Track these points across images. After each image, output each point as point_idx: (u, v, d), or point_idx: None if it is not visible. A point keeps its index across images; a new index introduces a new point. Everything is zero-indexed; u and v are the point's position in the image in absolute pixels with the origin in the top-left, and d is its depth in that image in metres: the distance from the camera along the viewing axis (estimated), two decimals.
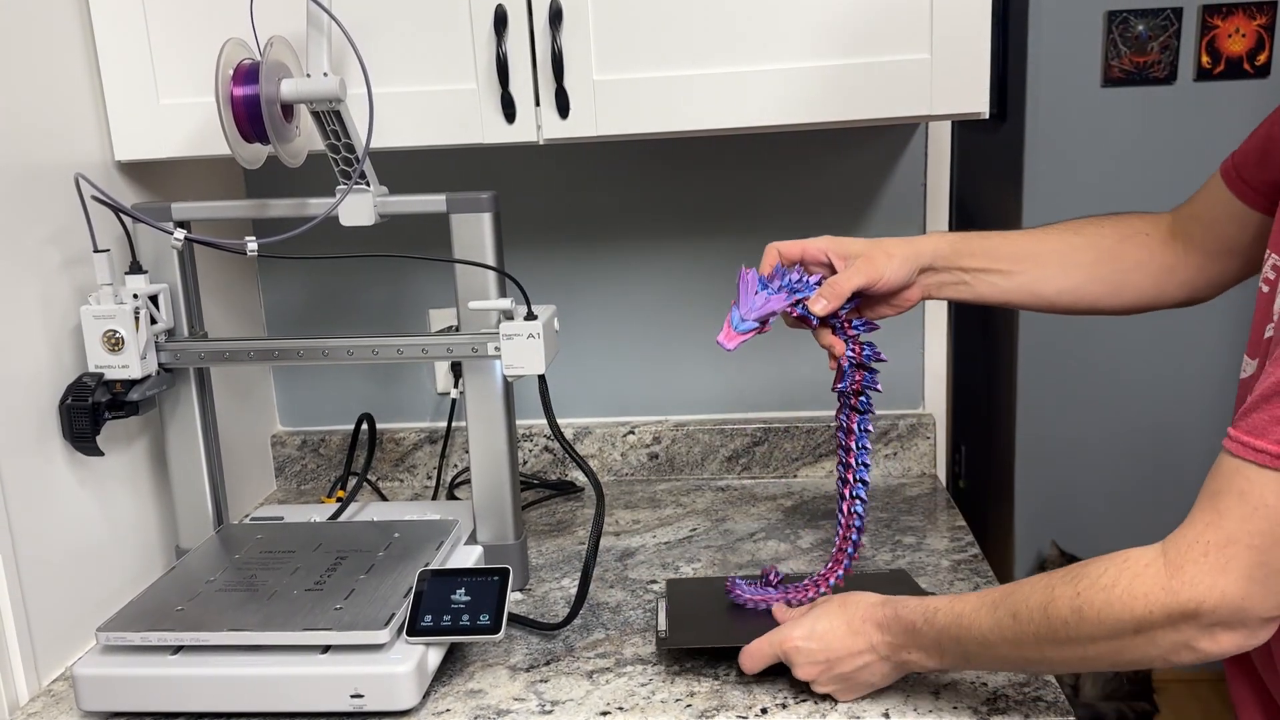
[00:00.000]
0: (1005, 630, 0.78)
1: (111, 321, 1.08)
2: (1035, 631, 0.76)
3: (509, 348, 1.10)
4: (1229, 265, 1.00)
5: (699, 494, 1.47)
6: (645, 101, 1.11)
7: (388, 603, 0.99)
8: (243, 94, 1.01)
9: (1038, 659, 0.79)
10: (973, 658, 0.84)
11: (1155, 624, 0.71)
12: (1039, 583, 0.78)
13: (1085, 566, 0.75)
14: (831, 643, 0.90)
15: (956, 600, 0.84)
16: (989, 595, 0.81)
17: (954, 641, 0.83)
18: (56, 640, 1.06)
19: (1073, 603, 0.74)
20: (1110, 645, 0.73)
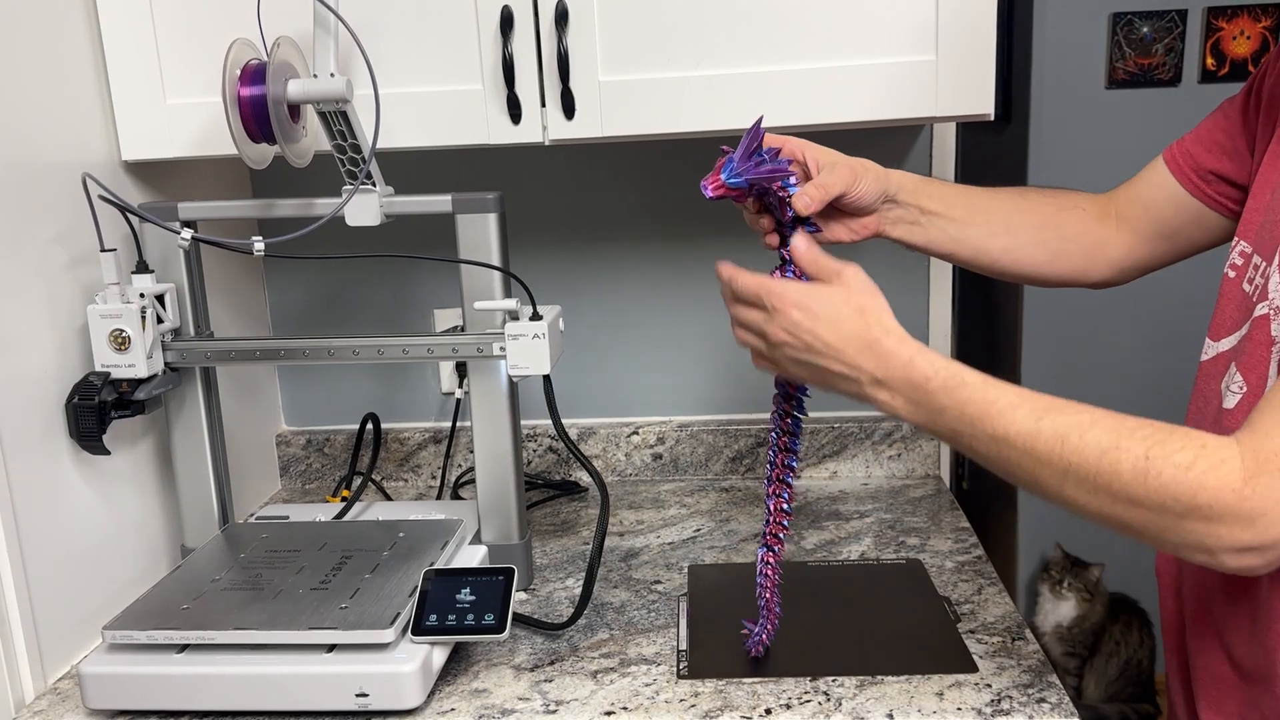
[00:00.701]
0: (1040, 445, 0.74)
1: (118, 321, 1.08)
2: (1076, 465, 0.72)
3: (514, 348, 1.10)
4: (1158, 249, 1.03)
5: (703, 494, 1.48)
6: (650, 103, 1.11)
7: (393, 602, 1.00)
8: (249, 94, 1.02)
9: (1050, 485, 0.75)
10: (968, 441, 0.79)
11: (1206, 517, 0.69)
12: (1104, 422, 0.73)
13: (1157, 432, 0.71)
14: (823, 333, 0.83)
15: (990, 382, 0.78)
16: (1032, 399, 0.76)
17: (962, 418, 0.78)
18: (62, 638, 1.06)
19: (1138, 463, 0.70)
20: (1147, 515, 0.71)
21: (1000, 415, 0.76)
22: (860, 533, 1.32)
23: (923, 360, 0.80)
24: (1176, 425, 0.72)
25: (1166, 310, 2.37)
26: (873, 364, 0.81)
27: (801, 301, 0.84)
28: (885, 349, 0.81)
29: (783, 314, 0.84)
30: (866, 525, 1.34)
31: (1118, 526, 0.73)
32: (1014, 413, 0.76)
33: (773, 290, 0.85)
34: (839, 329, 0.82)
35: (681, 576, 1.22)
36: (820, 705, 0.94)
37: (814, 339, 0.83)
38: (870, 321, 0.82)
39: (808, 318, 0.83)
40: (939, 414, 0.79)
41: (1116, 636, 2.45)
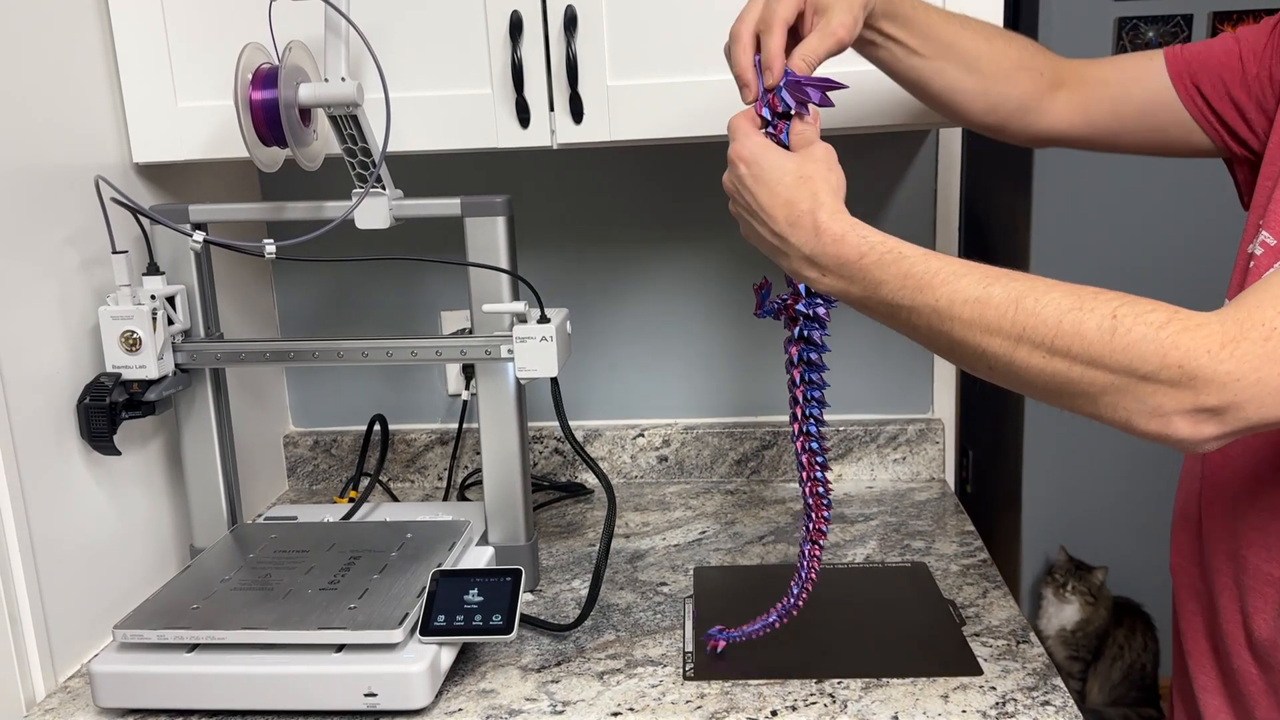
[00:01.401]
0: (990, 312, 0.70)
1: (129, 322, 1.09)
2: (1031, 329, 0.68)
3: (522, 350, 1.11)
4: (1100, 137, 1.01)
5: (708, 497, 1.48)
6: (659, 107, 1.12)
7: (401, 602, 1.00)
8: (261, 98, 1.02)
9: (998, 354, 0.70)
10: (906, 315, 0.74)
11: (1172, 379, 0.65)
12: (1061, 287, 0.69)
13: (1123, 296, 0.68)
14: (760, 194, 0.80)
15: (932, 254, 0.74)
16: (981, 268, 0.73)
17: (902, 290, 0.74)
18: (73, 637, 1.07)
19: (1104, 322, 0.66)
20: (1106, 378, 0.67)
21: (944, 284, 0.72)
22: (865, 535, 1.32)
23: (855, 236, 0.76)
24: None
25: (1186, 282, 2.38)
26: (801, 238, 0.77)
27: (752, 156, 0.80)
28: (816, 224, 0.77)
29: (733, 165, 0.82)
30: (871, 528, 1.34)
31: (1068, 394, 0.69)
32: (959, 280, 0.72)
33: (735, 136, 0.82)
34: (775, 194, 0.79)
35: (687, 578, 1.23)
36: (826, 707, 0.95)
37: (752, 199, 0.80)
38: (809, 191, 0.78)
39: (750, 175, 0.80)
40: (875, 288, 0.75)
41: (1120, 640, 2.45)
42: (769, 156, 0.81)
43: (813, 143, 0.82)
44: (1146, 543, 2.45)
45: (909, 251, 0.75)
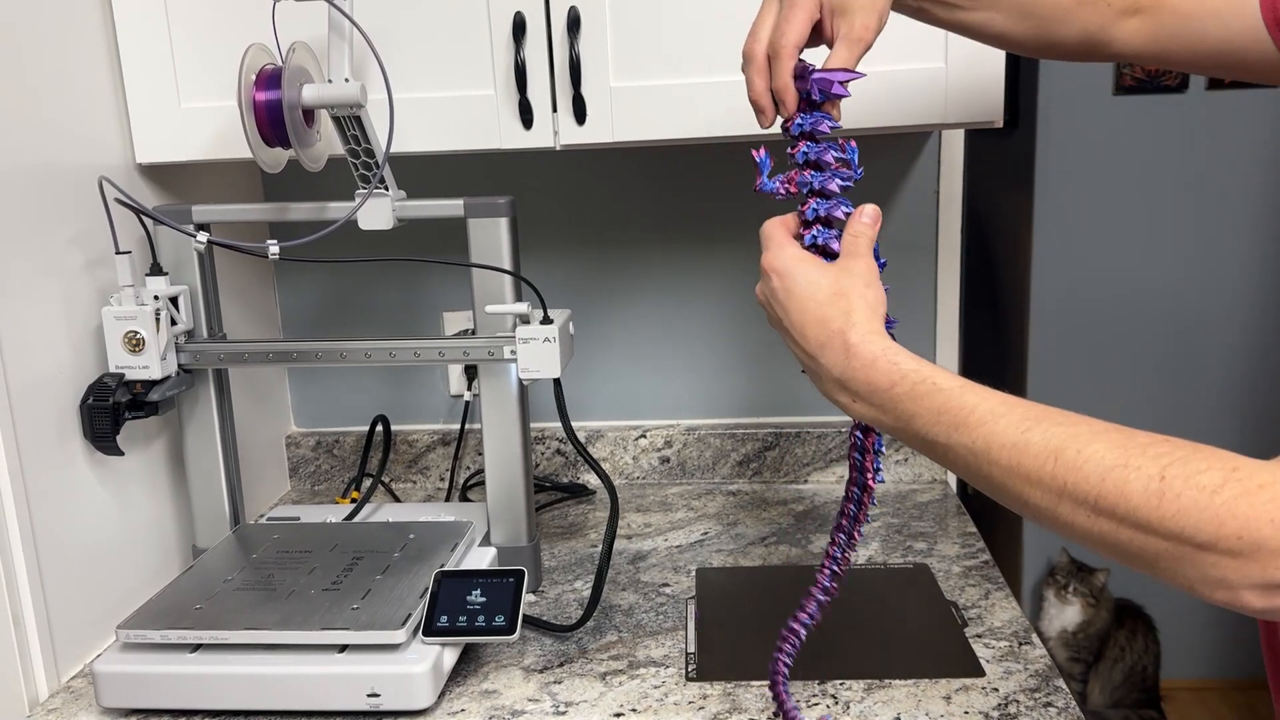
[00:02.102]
0: (1029, 460, 0.64)
1: (132, 323, 1.09)
2: (1073, 485, 0.62)
3: (525, 351, 1.11)
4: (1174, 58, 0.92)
5: (710, 498, 1.48)
6: (662, 108, 1.12)
7: (404, 603, 1.00)
8: (265, 99, 1.02)
9: (1041, 506, 0.65)
10: (943, 453, 0.69)
11: (1232, 550, 0.58)
12: (1107, 436, 0.63)
13: (1176, 449, 0.61)
14: (792, 310, 0.76)
15: (969, 386, 0.69)
16: (1020, 406, 0.67)
17: (936, 426, 0.69)
18: (76, 637, 1.07)
19: (1150, 484, 0.60)
20: (1158, 544, 0.60)
21: (980, 424, 0.67)
22: (868, 537, 1.32)
23: (886, 362, 0.72)
24: (1200, 444, 0.62)
25: (1184, 310, 2.37)
26: (831, 359, 0.74)
27: (785, 268, 0.77)
28: (846, 344, 0.73)
29: (765, 277, 0.79)
30: (874, 530, 1.34)
31: (1121, 556, 0.64)
32: (997, 422, 0.66)
33: (769, 246, 0.79)
34: (807, 310, 0.75)
35: (689, 579, 1.23)
36: (828, 709, 0.95)
37: (784, 314, 0.77)
38: (842, 309, 0.74)
39: (783, 288, 0.77)
40: (908, 421, 0.71)
41: (1122, 642, 2.46)
42: (802, 269, 0.77)
43: (860, 255, 0.78)
44: None
45: (944, 383, 0.70)
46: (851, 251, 0.79)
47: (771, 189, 0.84)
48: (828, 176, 0.81)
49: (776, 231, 0.81)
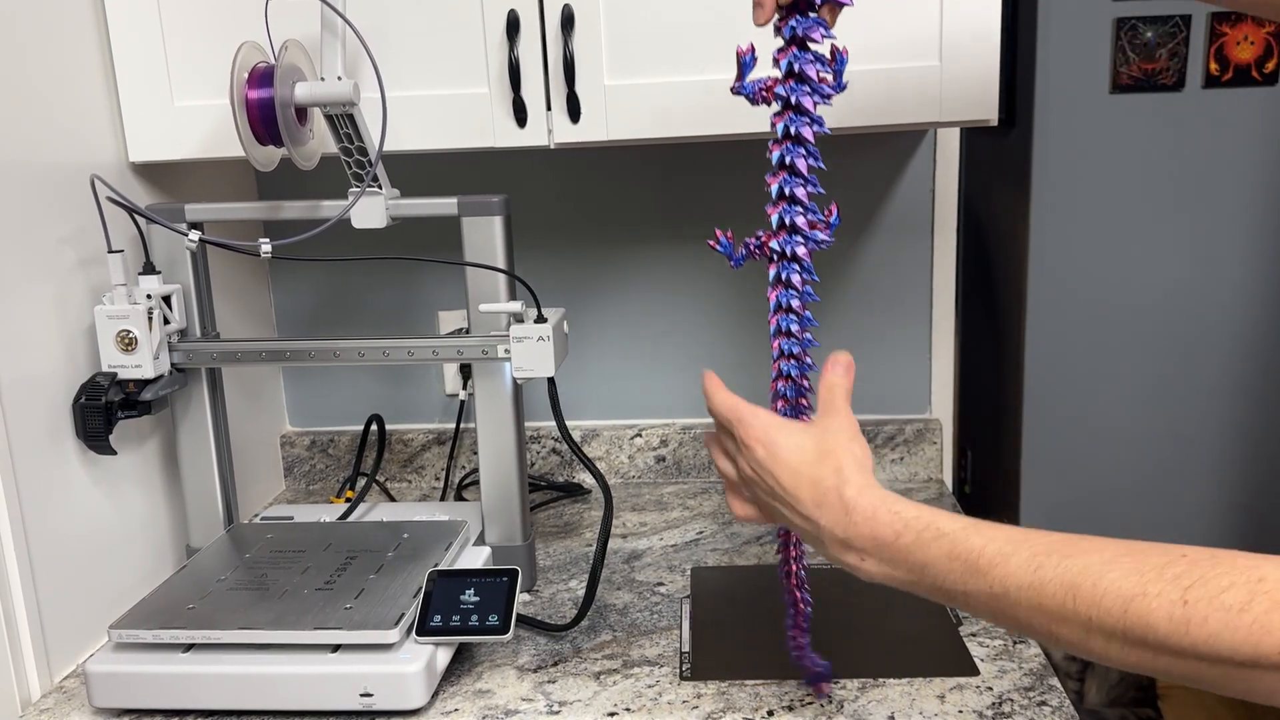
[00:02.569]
0: (1047, 600, 0.62)
1: (125, 321, 1.09)
2: (1097, 620, 0.60)
3: (519, 350, 1.10)
4: None
5: (705, 497, 1.48)
6: (656, 107, 1.12)
7: (397, 602, 1.00)
8: (257, 97, 1.02)
9: (1074, 641, 0.62)
10: (962, 599, 0.67)
11: (1276, 665, 0.56)
12: (1120, 563, 0.60)
13: (1192, 566, 0.58)
14: (782, 476, 0.75)
15: (972, 529, 0.67)
16: (1026, 541, 0.65)
17: (949, 574, 0.67)
18: (68, 637, 1.07)
19: (1174, 611, 0.57)
20: (1200, 667, 0.58)
21: (993, 567, 0.65)
22: None
23: (886, 513, 0.70)
24: (1216, 550, 0.59)
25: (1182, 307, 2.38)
26: (831, 519, 0.72)
27: (765, 436, 0.77)
28: (842, 501, 0.72)
29: (747, 449, 0.78)
30: None
31: (1168, 678, 0.61)
32: (1008, 562, 0.64)
33: (742, 419, 0.79)
34: (798, 473, 0.74)
35: (684, 578, 1.23)
36: (823, 707, 0.94)
37: (774, 482, 0.75)
38: (832, 467, 0.73)
39: (768, 456, 0.76)
40: (920, 572, 0.68)
41: None
42: (783, 435, 0.76)
43: (837, 410, 0.78)
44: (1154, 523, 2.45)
45: (947, 526, 0.68)
46: (829, 407, 0.79)
47: (749, 92, 0.83)
48: (805, 93, 0.81)
49: (742, 405, 0.80)
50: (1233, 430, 2.41)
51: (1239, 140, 2.26)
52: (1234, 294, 2.33)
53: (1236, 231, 2.31)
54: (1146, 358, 2.43)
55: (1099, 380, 2.45)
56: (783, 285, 0.86)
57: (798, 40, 0.80)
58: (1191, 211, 2.32)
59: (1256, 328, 2.34)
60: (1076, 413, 2.46)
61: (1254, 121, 2.24)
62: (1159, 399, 2.44)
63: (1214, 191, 2.30)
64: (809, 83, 0.81)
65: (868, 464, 0.75)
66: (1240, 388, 2.38)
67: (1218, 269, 2.33)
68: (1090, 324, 2.42)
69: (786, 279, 0.85)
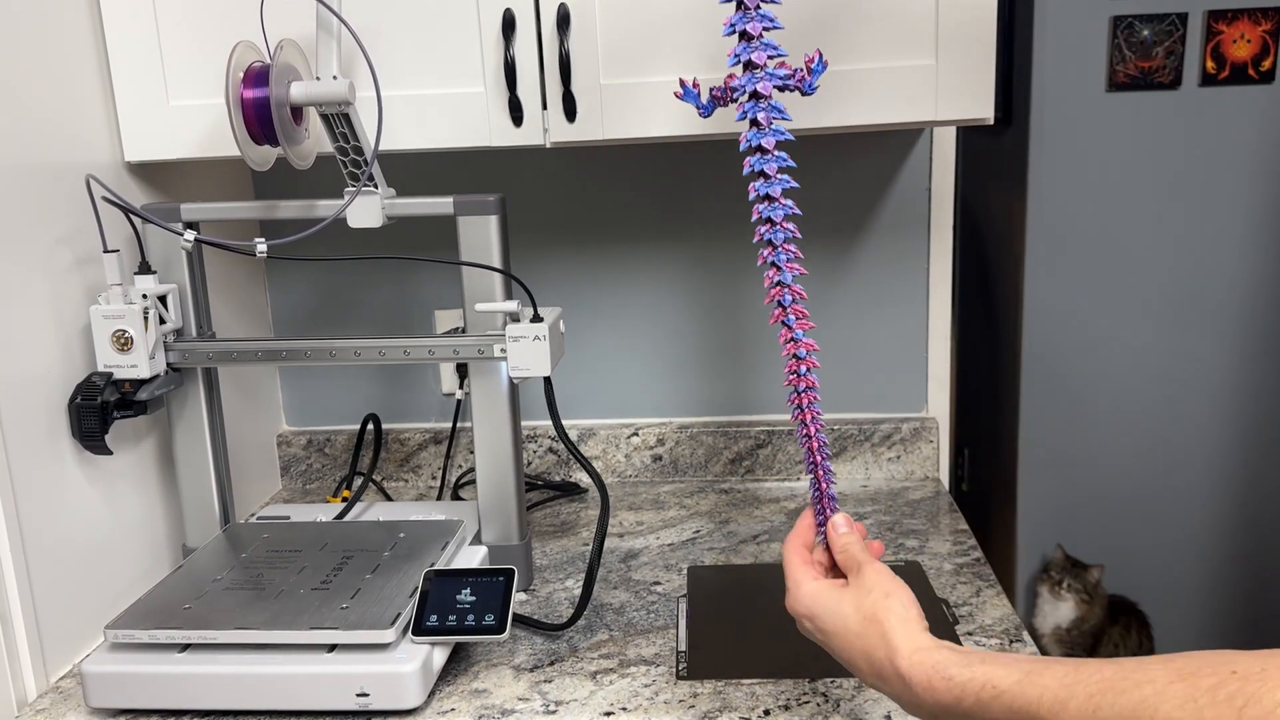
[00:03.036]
0: None
1: (121, 321, 1.09)
2: None
3: (515, 350, 1.10)
4: None
5: (702, 496, 1.48)
6: (652, 105, 1.12)
7: (393, 602, 1.00)
8: (253, 96, 1.02)
9: None
10: None
11: None
12: (1171, 693, 0.62)
13: (1245, 684, 0.59)
14: (836, 647, 0.80)
15: (1026, 679, 0.69)
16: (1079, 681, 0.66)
17: None
18: (64, 637, 1.07)
19: None
20: None
21: (1054, 716, 0.66)
22: None
23: (941, 680, 0.72)
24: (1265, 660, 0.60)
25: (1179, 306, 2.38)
26: (893, 690, 0.75)
27: (809, 610, 0.81)
28: (899, 673, 0.74)
29: (798, 620, 0.82)
30: (866, 527, 1.34)
31: None
32: (1065, 709, 0.66)
33: (790, 586, 0.83)
34: (849, 644, 0.78)
35: (681, 578, 1.23)
36: (819, 706, 0.94)
37: (832, 651, 0.80)
38: (878, 635, 0.76)
39: (817, 629, 0.80)
40: None
41: (1115, 639, 2.46)
42: (822, 605, 0.80)
43: (861, 565, 0.81)
44: (1143, 540, 2.46)
45: (1002, 683, 0.69)
46: (854, 566, 0.81)
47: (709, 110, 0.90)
48: (760, 79, 0.85)
49: (793, 567, 0.83)
50: (1229, 426, 2.42)
51: (1236, 138, 2.27)
52: (1231, 290, 2.34)
53: (1233, 228, 2.32)
54: (1143, 355, 2.43)
55: (1095, 378, 2.46)
56: (752, 125, 0.86)
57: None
58: (1188, 208, 2.32)
59: (1253, 323, 2.34)
60: (1073, 411, 2.46)
61: (1251, 119, 2.24)
62: (1155, 396, 2.44)
63: (1211, 189, 2.30)
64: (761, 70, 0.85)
65: (912, 612, 0.77)
66: (1237, 383, 2.38)
67: (1215, 265, 2.34)
68: (1087, 322, 2.42)
69: (753, 118, 0.86)
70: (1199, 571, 2.46)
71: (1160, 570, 2.48)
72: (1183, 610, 2.53)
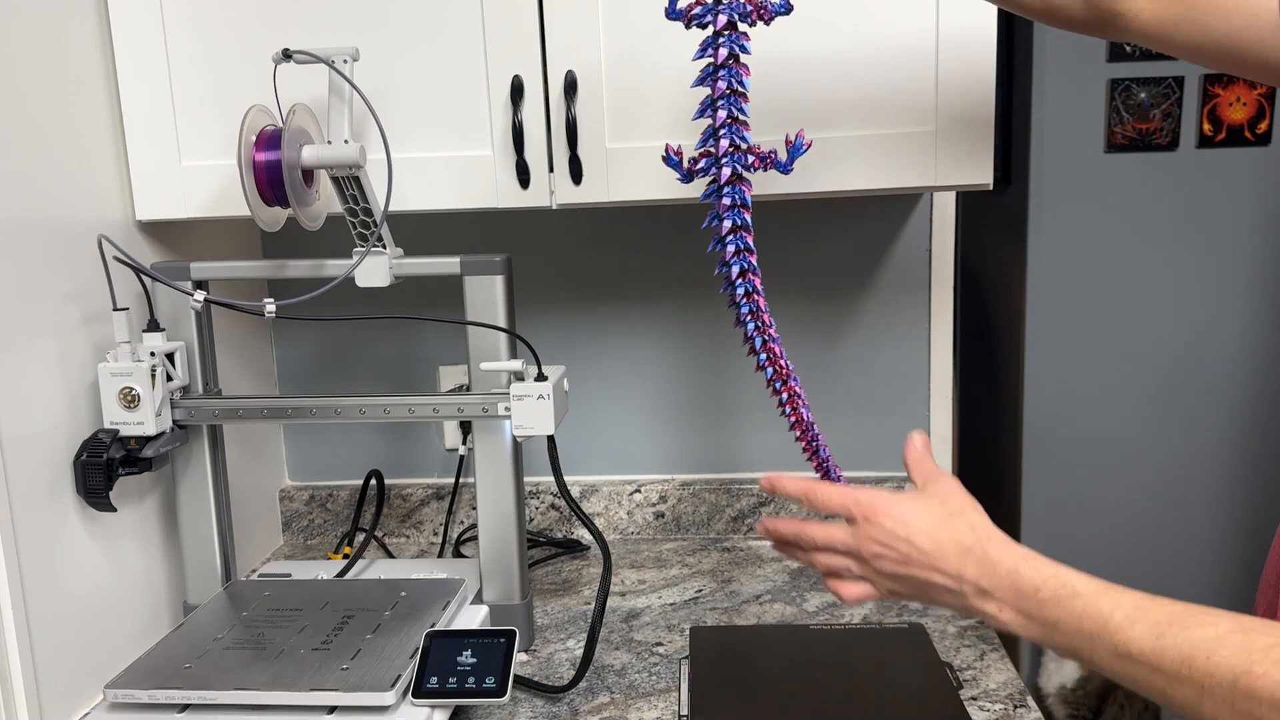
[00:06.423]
0: (1166, 664, 0.69)
1: (128, 379, 1.10)
2: (1210, 689, 0.66)
3: (519, 408, 1.11)
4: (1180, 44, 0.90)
5: (705, 554, 1.48)
6: (657, 169, 1.13)
7: (394, 663, 1.00)
8: (265, 159, 1.04)
9: (1187, 703, 0.68)
10: (1088, 656, 0.74)
11: None
12: (1230, 640, 0.67)
13: None
14: (919, 540, 0.80)
15: (1103, 592, 0.73)
16: (1151, 609, 0.71)
17: (1079, 634, 0.72)
18: (63, 695, 1.06)
19: (1277, 691, 0.63)
20: None
21: (1119, 631, 0.71)
22: None
23: (1028, 568, 0.76)
24: None
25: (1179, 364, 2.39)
26: (975, 572, 0.77)
27: (893, 510, 0.81)
28: (986, 555, 0.77)
29: (874, 524, 0.81)
30: None
31: None
32: (1133, 628, 0.71)
33: (860, 500, 0.83)
34: (935, 536, 0.79)
35: (683, 638, 1.22)
36: None
37: (910, 548, 0.80)
38: (968, 525, 0.79)
39: (901, 526, 0.80)
40: (1053, 628, 0.75)
41: (1121, 700, 2.43)
42: (908, 504, 0.81)
43: (938, 474, 0.84)
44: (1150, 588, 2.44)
45: (1082, 588, 0.74)
46: (931, 475, 0.85)
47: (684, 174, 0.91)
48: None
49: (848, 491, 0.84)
50: (1235, 485, 2.41)
51: (1233, 199, 2.29)
52: (1229, 352, 2.34)
53: (1231, 290, 2.33)
54: (1144, 416, 2.43)
55: (1097, 437, 2.45)
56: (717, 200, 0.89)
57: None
58: (1187, 270, 2.34)
59: (1251, 385, 2.35)
60: (1075, 470, 2.45)
61: (1247, 180, 2.27)
62: (1157, 457, 2.44)
63: (1209, 250, 2.32)
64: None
65: (987, 516, 0.81)
66: (1236, 445, 2.38)
67: (1213, 327, 2.35)
68: (1088, 381, 2.43)
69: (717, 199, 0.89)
70: None
71: None
72: None
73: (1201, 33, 0.90)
